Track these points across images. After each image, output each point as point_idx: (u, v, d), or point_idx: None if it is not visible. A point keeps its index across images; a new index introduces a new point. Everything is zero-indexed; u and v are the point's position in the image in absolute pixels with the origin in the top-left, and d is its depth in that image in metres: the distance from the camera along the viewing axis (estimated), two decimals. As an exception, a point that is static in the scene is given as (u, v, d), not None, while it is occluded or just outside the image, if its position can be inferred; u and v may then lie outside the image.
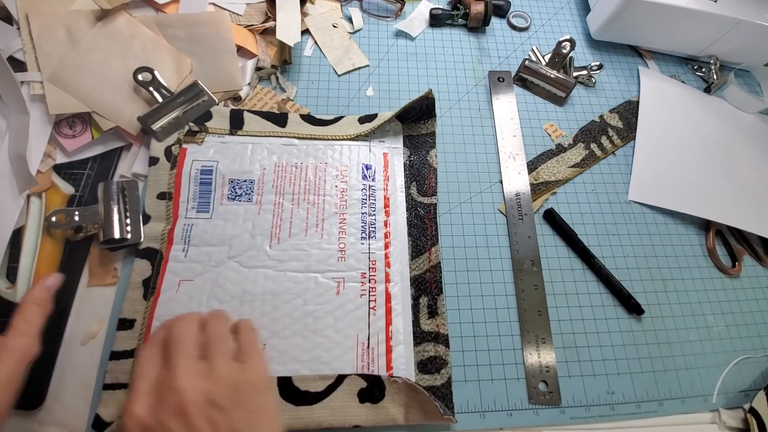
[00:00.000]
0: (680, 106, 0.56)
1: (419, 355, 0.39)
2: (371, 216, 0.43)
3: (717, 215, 0.49)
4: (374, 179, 0.45)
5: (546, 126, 0.53)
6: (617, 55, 0.60)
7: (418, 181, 0.46)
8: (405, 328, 0.39)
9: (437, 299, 0.41)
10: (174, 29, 0.49)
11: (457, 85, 0.55)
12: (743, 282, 0.47)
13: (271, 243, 0.41)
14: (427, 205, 0.45)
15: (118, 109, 0.44)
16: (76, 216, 0.39)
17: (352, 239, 0.42)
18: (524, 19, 0.62)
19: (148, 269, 0.39)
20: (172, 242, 0.40)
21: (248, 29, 0.52)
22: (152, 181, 0.42)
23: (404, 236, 0.43)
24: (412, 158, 0.48)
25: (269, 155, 0.44)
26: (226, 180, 0.43)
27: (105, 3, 0.47)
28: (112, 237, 0.38)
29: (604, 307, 0.44)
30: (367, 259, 0.41)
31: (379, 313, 0.39)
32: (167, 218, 0.41)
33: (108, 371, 0.35)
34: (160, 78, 0.45)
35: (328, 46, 0.54)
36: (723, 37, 0.56)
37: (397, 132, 0.49)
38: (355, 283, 0.40)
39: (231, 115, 0.46)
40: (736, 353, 0.43)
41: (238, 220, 0.41)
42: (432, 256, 0.43)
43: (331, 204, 0.43)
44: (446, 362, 0.38)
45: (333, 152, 0.46)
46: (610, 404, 0.40)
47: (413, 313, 0.40)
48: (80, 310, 0.39)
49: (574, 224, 0.47)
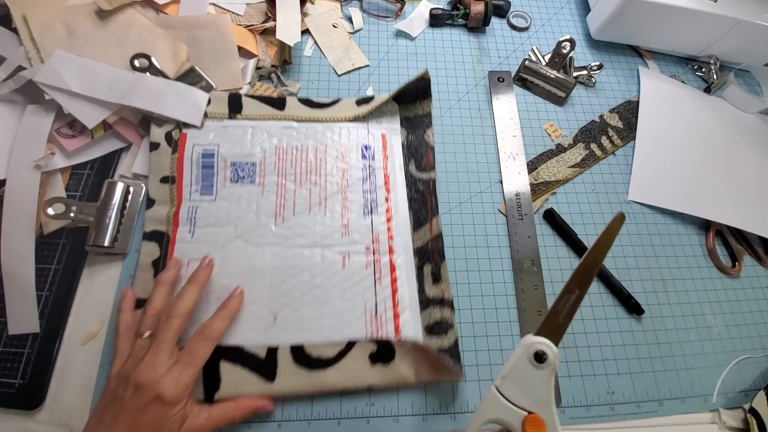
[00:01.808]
0: (680, 106, 0.56)
1: (426, 319, 0.40)
2: (372, 193, 0.44)
3: (717, 215, 0.49)
4: (374, 158, 0.46)
5: (546, 126, 0.53)
6: (617, 55, 0.60)
7: (416, 159, 0.48)
8: (411, 295, 0.40)
9: (440, 266, 0.42)
10: (175, 31, 0.49)
11: (457, 85, 0.55)
12: (743, 282, 0.47)
13: (276, 222, 0.42)
14: (425, 180, 0.47)
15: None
16: (72, 211, 0.39)
17: (354, 215, 0.43)
18: (524, 19, 0.62)
19: (156, 251, 0.40)
20: (178, 224, 0.41)
21: (248, 29, 0.52)
22: (155, 165, 0.43)
23: (405, 210, 0.45)
24: (410, 138, 0.49)
25: (269, 138, 0.45)
26: (228, 163, 0.44)
27: (105, 3, 0.47)
28: (101, 244, 0.39)
29: (604, 307, 0.44)
30: (371, 233, 0.42)
31: (385, 282, 0.40)
32: (171, 201, 0.42)
33: None
34: (156, 63, 0.45)
35: (328, 46, 0.54)
36: (723, 37, 0.56)
37: (394, 113, 0.50)
38: (360, 256, 0.41)
39: (229, 100, 0.47)
40: (736, 353, 0.43)
41: (242, 201, 0.42)
42: (433, 226, 0.44)
43: (333, 183, 0.44)
44: (452, 325, 0.40)
45: (332, 134, 0.47)
46: (610, 404, 0.40)
47: (418, 281, 0.41)
48: (80, 310, 0.39)
49: (574, 224, 0.47)
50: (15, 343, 0.37)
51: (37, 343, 0.37)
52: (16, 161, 0.41)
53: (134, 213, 0.42)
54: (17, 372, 0.36)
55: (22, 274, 0.38)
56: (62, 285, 0.39)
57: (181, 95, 0.45)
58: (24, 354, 0.36)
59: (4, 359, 0.36)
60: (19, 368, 0.36)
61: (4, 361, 0.36)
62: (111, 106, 0.44)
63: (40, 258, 0.39)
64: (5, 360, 0.36)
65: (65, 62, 0.43)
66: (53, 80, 0.42)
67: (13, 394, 0.35)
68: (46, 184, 0.42)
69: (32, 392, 0.35)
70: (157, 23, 0.49)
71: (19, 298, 0.37)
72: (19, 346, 0.37)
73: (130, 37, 0.47)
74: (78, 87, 0.43)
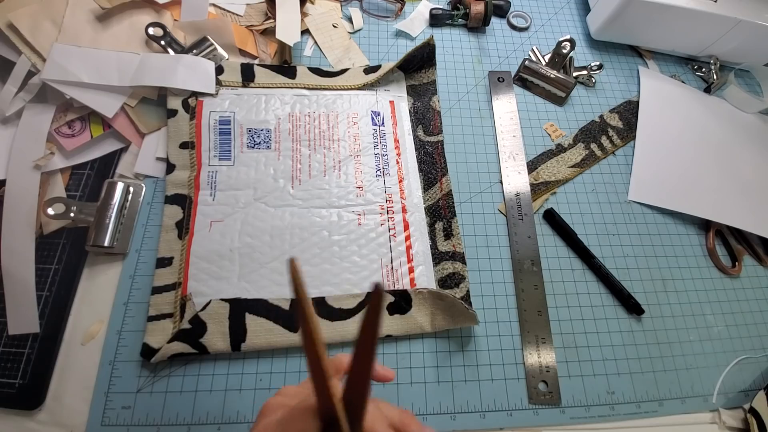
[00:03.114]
0: (680, 106, 0.56)
1: (439, 273, 0.43)
2: (384, 156, 0.47)
3: (717, 215, 0.49)
4: (383, 124, 0.49)
5: (546, 126, 0.53)
6: (617, 55, 0.60)
7: (424, 124, 0.50)
8: (424, 251, 0.43)
9: (451, 222, 0.45)
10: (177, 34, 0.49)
11: (457, 85, 0.55)
12: (743, 282, 0.47)
13: (293, 184, 0.44)
14: (434, 142, 0.49)
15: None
16: (72, 211, 0.39)
17: (368, 177, 0.45)
18: (524, 19, 0.62)
19: (179, 213, 0.42)
20: (199, 188, 0.43)
21: (248, 29, 0.52)
22: (173, 132, 0.45)
23: (416, 172, 0.47)
24: (416, 104, 0.51)
25: (282, 106, 0.48)
26: (244, 129, 0.46)
27: (105, 2, 0.47)
28: (101, 244, 0.39)
29: (604, 307, 0.44)
30: (384, 192, 0.45)
31: (399, 239, 0.43)
32: (192, 166, 0.44)
33: (151, 304, 0.38)
34: (171, 32, 0.47)
35: (328, 46, 0.54)
36: (723, 37, 0.56)
37: (400, 81, 0.52)
38: (374, 214, 0.44)
39: (242, 69, 0.49)
40: (736, 353, 0.43)
41: (259, 166, 0.44)
42: (443, 185, 0.46)
43: (345, 148, 0.46)
44: (464, 277, 0.42)
45: (342, 102, 0.49)
46: (610, 404, 0.39)
47: (430, 237, 0.44)
48: (80, 310, 0.39)
49: (574, 224, 0.47)
50: (15, 343, 0.37)
51: (37, 343, 0.37)
52: (15, 161, 0.41)
53: (134, 213, 0.42)
54: (17, 372, 0.36)
55: (22, 274, 0.38)
56: (62, 285, 0.39)
57: (189, 67, 0.46)
58: (24, 354, 0.36)
59: (4, 359, 0.36)
60: (19, 368, 0.36)
61: (4, 361, 0.36)
62: (125, 90, 0.44)
63: (40, 258, 0.39)
64: (5, 360, 0.36)
65: (67, 55, 0.43)
66: (60, 75, 0.42)
67: (13, 394, 0.35)
68: (46, 184, 0.42)
69: (32, 392, 0.35)
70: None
71: (19, 298, 0.37)
72: (19, 346, 0.36)
73: (123, 21, 0.48)
74: (87, 77, 0.43)
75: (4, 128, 0.42)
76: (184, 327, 0.36)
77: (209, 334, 0.37)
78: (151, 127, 0.45)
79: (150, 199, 0.43)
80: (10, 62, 0.43)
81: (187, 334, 0.36)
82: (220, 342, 0.37)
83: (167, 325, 0.37)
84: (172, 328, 0.37)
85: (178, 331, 0.36)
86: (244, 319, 0.38)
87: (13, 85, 0.43)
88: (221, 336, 0.37)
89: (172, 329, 0.37)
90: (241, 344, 0.37)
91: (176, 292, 0.39)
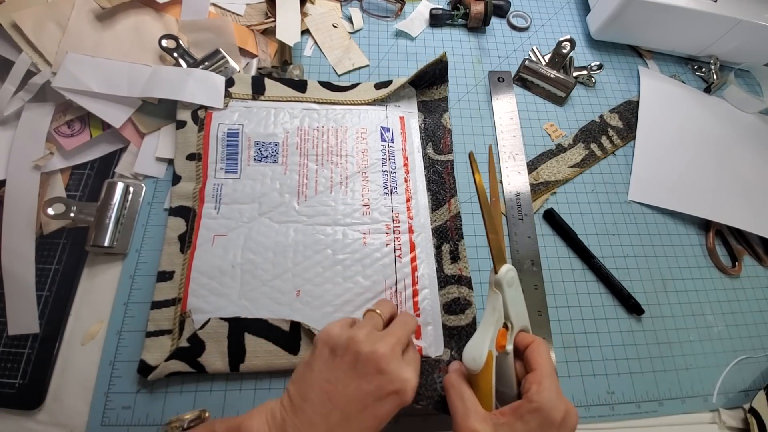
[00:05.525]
0: (680, 106, 0.56)
1: (444, 297, 0.41)
2: (392, 174, 0.46)
3: (717, 215, 0.49)
4: (392, 141, 0.48)
5: (546, 126, 0.53)
6: (617, 55, 0.60)
7: (434, 142, 0.49)
8: (429, 273, 0.42)
9: (458, 245, 0.43)
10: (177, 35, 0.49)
11: (457, 85, 0.55)
12: (743, 282, 0.47)
13: (299, 200, 0.43)
14: (444, 161, 0.48)
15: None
16: (72, 211, 0.39)
17: (375, 194, 0.44)
18: (524, 19, 0.62)
19: (183, 225, 0.41)
20: (203, 201, 0.42)
21: (248, 29, 0.52)
22: (180, 143, 0.44)
23: (424, 191, 0.46)
24: (427, 121, 0.50)
25: (291, 119, 0.47)
26: (251, 142, 0.45)
27: (105, 2, 0.47)
28: (101, 244, 0.39)
29: (604, 307, 0.44)
30: (391, 212, 0.44)
31: (405, 260, 0.42)
32: (197, 178, 0.43)
33: (150, 320, 0.37)
34: (184, 45, 0.47)
35: (328, 46, 0.54)
36: (723, 37, 0.56)
37: (411, 97, 0.51)
38: (380, 234, 0.43)
39: (253, 81, 0.48)
40: (736, 353, 0.43)
41: (265, 180, 0.44)
42: (451, 206, 0.45)
43: (353, 164, 0.46)
44: (470, 303, 0.41)
45: (352, 116, 0.48)
46: (610, 404, 0.40)
47: (437, 260, 0.43)
48: (80, 310, 0.39)
49: (574, 224, 0.47)
50: (15, 343, 0.37)
51: (37, 343, 0.37)
52: (15, 161, 0.41)
53: (134, 213, 0.42)
54: (17, 372, 0.36)
55: (22, 274, 0.38)
56: (62, 285, 0.39)
57: (200, 81, 0.46)
58: (24, 354, 0.36)
59: (4, 359, 0.36)
60: (19, 368, 0.36)
61: (4, 361, 0.36)
62: (134, 101, 0.44)
63: (40, 258, 0.39)
64: (5, 360, 0.36)
65: (80, 64, 0.43)
66: (72, 83, 0.42)
67: (13, 394, 0.35)
68: (46, 184, 0.42)
69: (32, 392, 0.35)
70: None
71: (19, 298, 0.37)
72: (19, 346, 0.36)
73: (127, 24, 0.48)
74: (97, 87, 0.43)
75: (4, 128, 0.42)
76: (182, 345, 0.36)
77: (207, 354, 0.36)
78: (150, 127, 0.45)
79: (150, 199, 0.43)
80: (10, 62, 0.43)
81: (185, 353, 0.36)
82: (219, 362, 0.36)
83: (165, 342, 0.37)
84: (170, 345, 0.37)
85: (177, 350, 0.36)
86: (243, 339, 0.37)
87: (12, 85, 0.43)
88: (220, 356, 0.36)
89: (170, 346, 0.37)
90: (239, 365, 0.36)
91: (176, 308, 0.38)
